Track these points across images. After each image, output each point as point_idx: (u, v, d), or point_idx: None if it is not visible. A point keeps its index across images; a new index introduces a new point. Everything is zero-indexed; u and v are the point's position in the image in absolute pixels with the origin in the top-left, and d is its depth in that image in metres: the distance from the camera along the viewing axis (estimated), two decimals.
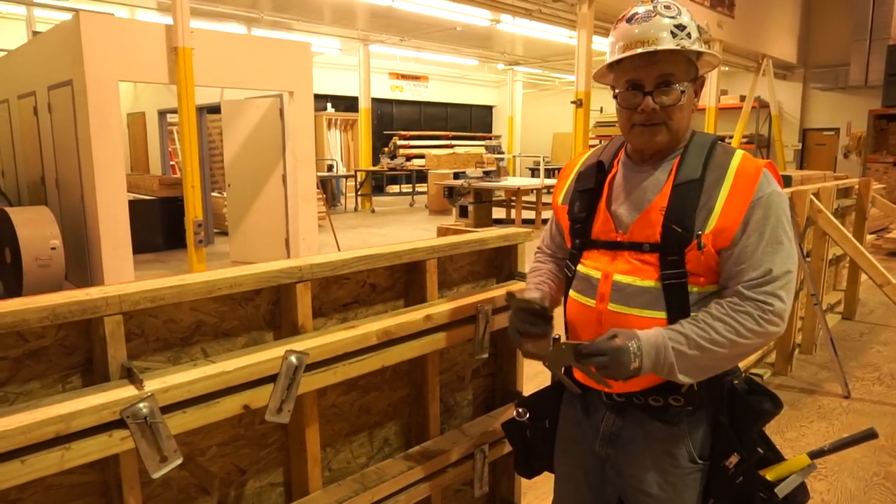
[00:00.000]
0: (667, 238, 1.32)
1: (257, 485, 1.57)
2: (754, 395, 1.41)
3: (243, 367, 1.30)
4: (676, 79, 1.33)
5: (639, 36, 1.33)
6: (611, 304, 1.37)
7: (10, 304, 1.12)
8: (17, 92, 7.63)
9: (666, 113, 1.34)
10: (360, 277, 1.72)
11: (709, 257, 1.31)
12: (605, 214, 1.42)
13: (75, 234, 6.36)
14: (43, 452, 1.06)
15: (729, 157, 1.34)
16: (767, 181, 1.31)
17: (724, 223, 1.29)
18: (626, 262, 1.37)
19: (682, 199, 1.32)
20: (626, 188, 1.42)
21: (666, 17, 1.33)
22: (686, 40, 1.32)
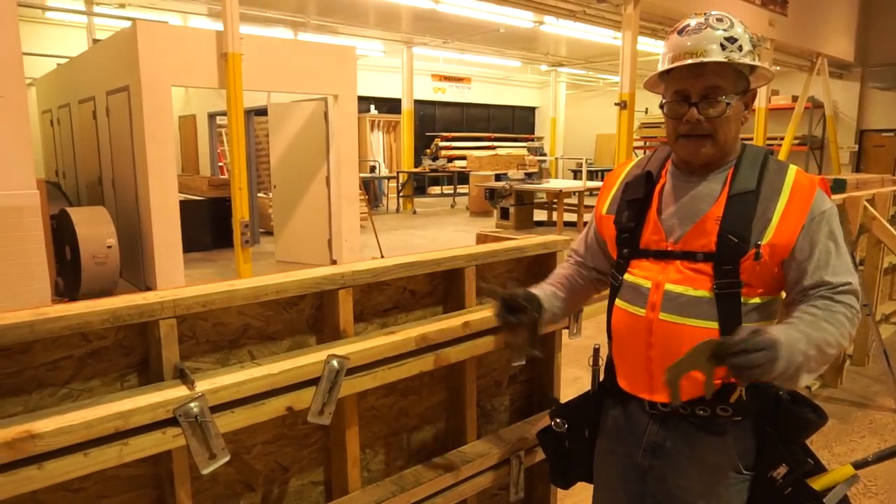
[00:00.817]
0: (722, 247, 1.32)
1: (299, 483, 1.63)
2: (798, 405, 1.40)
3: (288, 370, 1.36)
4: (723, 91, 1.34)
5: (688, 48, 1.34)
6: (662, 314, 1.37)
7: (76, 306, 1.19)
8: (77, 97, 7.99)
9: (711, 125, 1.34)
10: (400, 284, 1.76)
11: (764, 268, 1.32)
12: (656, 224, 1.42)
13: (130, 232, 6.63)
14: (104, 446, 1.13)
15: (784, 171, 1.37)
16: (823, 197, 1.35)
17: (782, 235, 1.31)
18: (678, 271, 1.37)
19: (739, 210, 1.33)
20: (676, 198, 1.42)
21: (717, 29, 1.34)
22: (736, 53, 1.33)
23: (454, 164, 16.44)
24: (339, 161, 7.43)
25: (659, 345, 1.39)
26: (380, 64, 15.49)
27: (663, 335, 1.37)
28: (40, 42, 10.38)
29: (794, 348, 1.20)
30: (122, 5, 9.56)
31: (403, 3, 9.94)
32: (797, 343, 1.21)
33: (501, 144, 18.52)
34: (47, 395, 1.23)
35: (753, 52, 1.36)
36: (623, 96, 9.11)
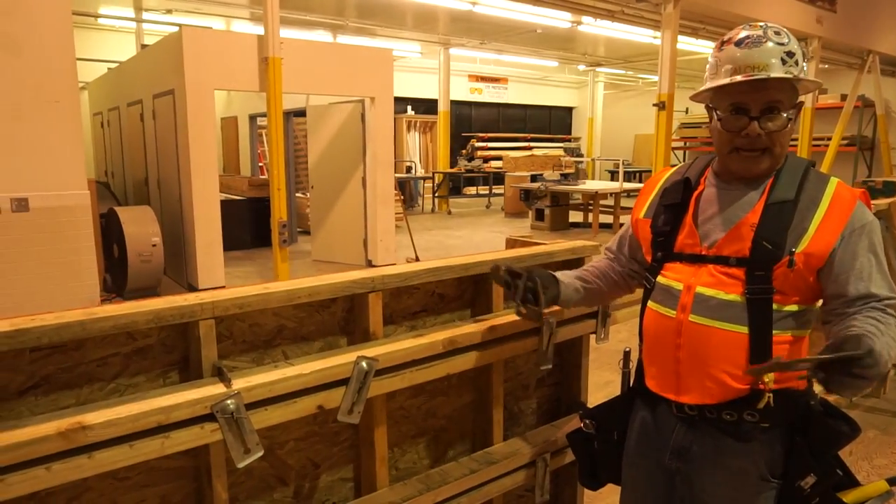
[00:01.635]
0: (756, 253, 1.35)
1: (329, 479, 1.69)
2: (831, 416, 1.40)
3: (319, 371, 1.42)
4: (784, 106, 1.36)
5: (749, 61, 1.34)
6: (692, 316, 1.41)
7: (123, 307, 1.27)
8: (126, 100, 8.30)
9: (770, 139, 1.37)
10: (428, 287, 1.80)
11: (798, 276, 1.33)
12: (691, 228, 1.46)
13: (173, 231, 6.86)
14: (147, 439, 1.20)
15: (825, 183, 1.38)
16: (864, 210, 1.36)
17: (818, 245, 1.32)
18: (710, 274, 1.40)
19: (775, 218, 1.35)
20: (714, 204, 1.46)
21: (776, 43, 1.35)
22: (794, 68, 1.35)
23: (490, 164, 16.44)
24: (375, 162, 7.54)
25: (687, 346, 1.42)
26: (417, 65, 15.60)
27: (692, 337, 1.40)
28: (92, 47, 10.79)
29: (888, 356, 1.21)
30: (169, 11, 9.87)
31: (441, 5, 10.00)
32: (889, 351, 1.22)
33: (538, 145, 18.44)
34: (97, 390, 1.31)
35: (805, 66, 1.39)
36: (662, 97, 8.99)
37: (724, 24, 10.44)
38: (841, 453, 3.23)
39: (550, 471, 2.04)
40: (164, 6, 9.65)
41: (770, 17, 10.09)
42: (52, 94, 4.76)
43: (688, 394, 1.43)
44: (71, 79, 4.87)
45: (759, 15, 9.92)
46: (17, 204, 4.73)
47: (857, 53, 13.05)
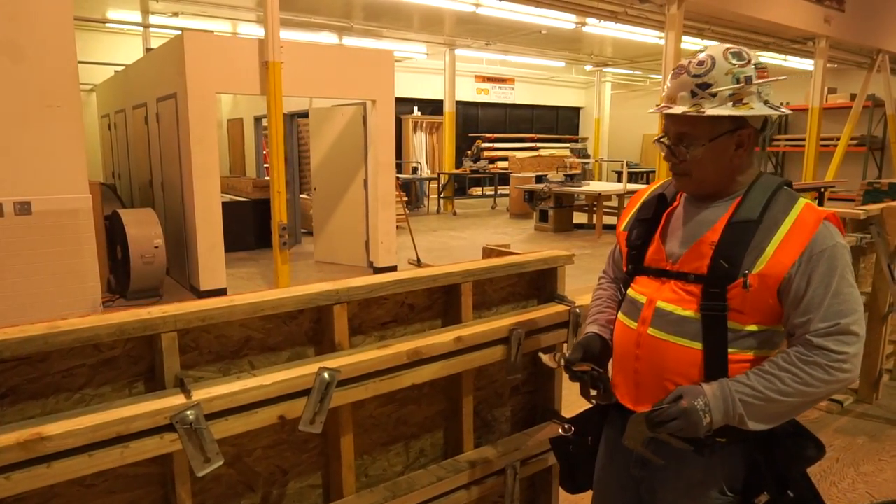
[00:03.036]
0: (712, 271, 1.36)
1: (298, 485, 1.73)
2: (798, 438, 1.41)
3: (280, 382, 1.45)
4: (691, 138, 1.39)
5: (667, 91, 1.42)
6: (650, 329, 1.44)
7: (87, 320, 1.32)
8: (132, 102, 8.40)
9: (686, 165, 1.41)
10: (398, 298, 1.84)
11: (756, 297, 1.34)
12: (658, 244, 1.49)
13: (176, 233, 6.95)
14: (107, 449, 1.25)
15: (791, 204, 1.37)
16: (829, 233, 1.33)
17: (774, 267, 1.32)
18: (672, 290, 1.43)
19: (735, 237, 1.36)
20: (681, 221, 1.49)
21: (692, 74, 1.37)
22: (707, 100, 1.35)
23: (496, 165, 16.44)
24: (377, 164, 7.58)
25: (645, 358, 1.45)
26: (424, 66, 15.62)
27: (649, 349, 1.44)
28: (101, 50, 10.93)
29: (728, 401, 1.29)
30: (176, 14, 9.97)
31: (446, 7, 10.02)
32: (735, 396, 1.29)
33: (545, 145, 18.41)
34: (63, 400, 1.36)
35: (741, 93, 1.34)
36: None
37: (729, 24, 10.40)
38: (827, 460, 3.22)
39: (522, 478, 2.07)
40: (170, 9, 9.75)
41: (776, 16, 10.03)
42: (54, 98, 4.85)
43: (644, 404, 1.45)
44: (72, 84, 4.95)
45: (765, 15, 9.86)
46: (20, 207, 4.81)
47: (866, 53, 12.92)
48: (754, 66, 1.35)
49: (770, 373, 1.30)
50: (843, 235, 1.37)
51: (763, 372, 1.31)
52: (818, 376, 1.27)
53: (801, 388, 1.28)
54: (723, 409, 1.30)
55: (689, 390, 1.32)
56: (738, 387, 1.30)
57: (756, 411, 1.30)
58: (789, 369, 1.28)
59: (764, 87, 1.36)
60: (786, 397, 1.28)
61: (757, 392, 1.29)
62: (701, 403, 1.29)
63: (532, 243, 10.17)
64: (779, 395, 1.28)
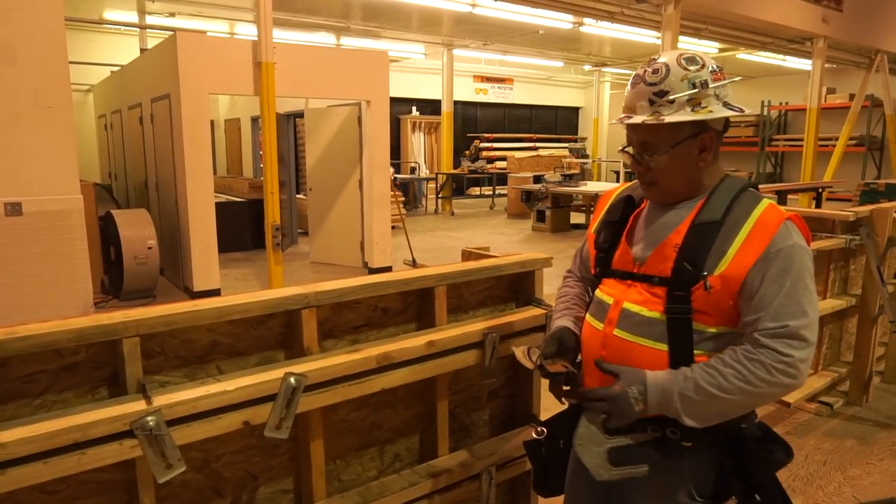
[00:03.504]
0: (677, 274, 1.36)
1: (269, 490, 1.72)
2: (767, 442, 1.41)
3: (244, 387, 1.44)
4: (653, 146, 1.39)
5: (626, 102, 1.43)
6: (616, 330, 1.44)
7: (45, 326, 1.31)
8: (127, 103, 8.40)
9: (651, 174, 1.42)
10: (371, 302, 1.82)
11: (718, 299, 1.33)
12: (625, 246, 1.50)
13: (171, 234, 6.94)
14: (64, 456, 1.24)
15: (753, 205, 1.36)
16: (789, 233, 1.33)
17: (735, 268, 1.31)
18: (639, 292, 1.43)
19: (698, 239, 1.36)
20: (647, 224, 1.49)
21: (648, 83, 1.36)
22: (665, 107, 1.35)
23: (495, 165, 16.42)
24: (372, 165, 7.57)
25: (611, 359, 1.44)
26: (422, 66, 15.61)
27: (615, 350, 1.43)
28: (98, 50, 10.94)
29: (667, 394, 1.29)
30: (172, 14, 9.96)
31: (444, 7, 10.01)
32: (674, 387, 1.29)
33: (543, 146, 18.39)
34: (23, 406, 1.35)
35: (698, 98, 1.34)
36: None
37: (726, 24, 10.37)
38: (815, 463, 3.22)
39: (500, 483, 2.06)
40: (167, 10, 9.74)
41: (774, 16, 10.00)
42: (45, 99, 4.84)
43: None
44: (64, 84, 4.95)
45: (763, 15, 9.82)
46: (10, 208, 4.81)
47: (864, 53, 12.88)
48: (710, 70, 1.35)
49: (714, 367, 1.29)
50: (809, 238, 1.36)
51: (707, 366, 1.30)
52: (760, 375, 1.26)
53: (741, 386, 1.27)
54: (659, 399, 1.30)
55: (628, 375, 1.32)
56: (679, 379, 1.30)
57: (694, 407, 1.29)
58: (733, 365, 1.28)
59: (721, 89, 1.36)
60: (725, 394, 1.27)
61: (698, 386, 1.28)
62: (635, 391, 1.29)
63: (528, 244, 10.15)
64: (719, 391, 1.27)
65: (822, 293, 3.83)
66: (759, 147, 16.21)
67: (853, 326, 4.04)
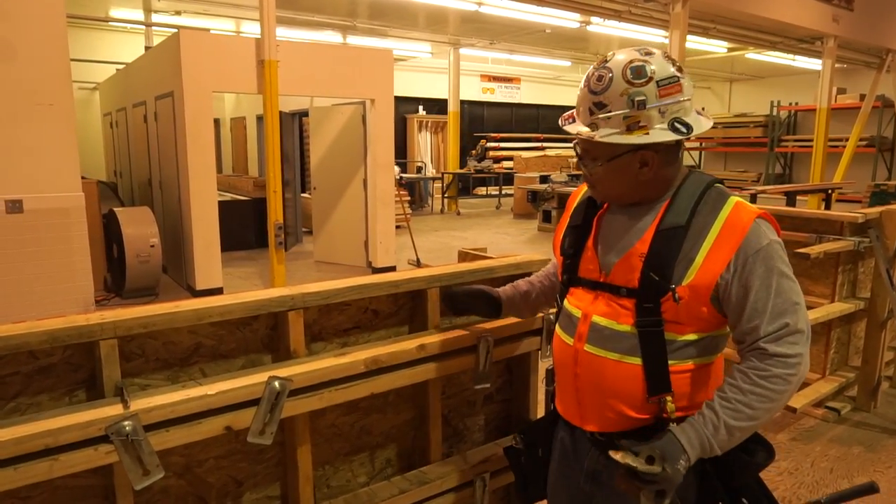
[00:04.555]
0: (644, 285, 1.29)
1: (254, 497, 1.67)
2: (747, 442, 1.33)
3: (226, 391, 1.40)
4: (591, 155, 1.33)
5: (576, 101, 1.33)
6: (587, 345, 1.38)
7: (18, 327, 1.27)
8: (132, 101, 8.40)
9: (593, 178, 1.36)
10: (361, 304, 1.77)
11: (690, 307, 1.27)
12: (591, 253, 1.42)
13: (174, 232, 6.93)
14: (34, 462, 1.20)
15: (720, 205, 1.28)
16: (761, 231, 1.26)
17: (703, 277, 1.25)
18: (606, 304, 1.36)
19: (664, 246, 1.28)
20: (610, 229, 1.41)
21: (591, 90, 1.28)
22: (601, 122, 1.26)
23: (501, 165, 16.35)
24: (376, 164, 7.53)
25: (584, 375, 1.39)
26: (429, 65, 15.57)
27: (587, 367, 1.38)
28: (104, 48, 10.96)
29: (704, 448, 1.24)
30: (178, 12, 9.96)
31: (450, 6, 9.96)
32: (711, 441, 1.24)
33: (551, 145, 18.30)
34: None
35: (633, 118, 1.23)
36: None
37: (735, 23, 10.26)
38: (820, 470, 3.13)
39: (493, 490, 2.01)
40: (172, 8, 9.74)
41: (784, 15, 9.89)
42: (46, 97, 4.83)
43: (590, 422, 1.41)
44: (65, 82, 4.93)
45: (772, 14, 9.72)
46: (11, 205, 4.80)
47: (875, 52, 12.72)
48: (656, 83, 1.23)
49: (736, 400, 1.23)
50: (779, 231, 1.29)
51: (728, 401, 1.24)
52: (781, 388, 1.22)
53: (767, 406, 1.23)
54: (700, 454, 1.25)
55: (668, 451, 1.21)
56: (712, 431, 1.24)
57: (730, 444, 1.26)
58: (753, 390, 1.23)
59: (672, 105, 1.24)
60: (755, 420, 1.24)
61: (730, 428, 1.23)
62: (683, 463, 1.22)
63: (533, 244, 10.08)
64: (749, 420, 1.23)
65: (830, 296, 3.75)
66: (768, 148, 16.05)
67: (861, 331, 3.95)
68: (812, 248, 3.32)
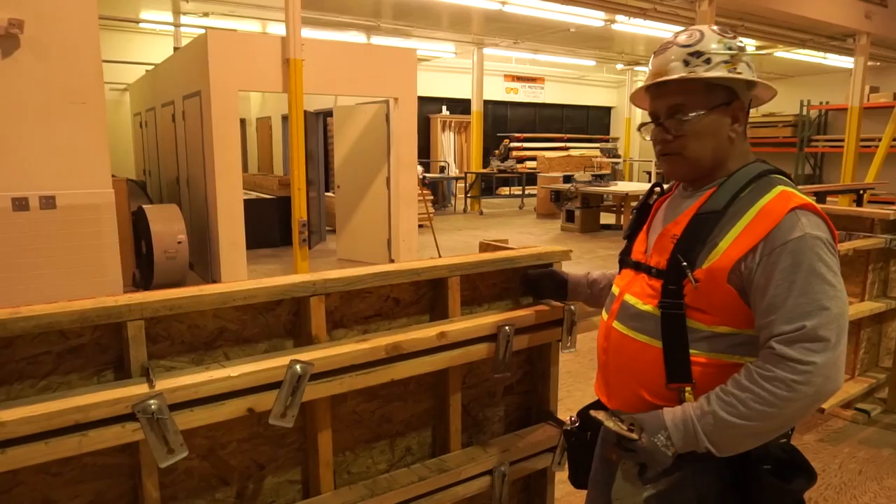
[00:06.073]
0: (670, 266, 1.30)
1: (275, 481, 1.69)
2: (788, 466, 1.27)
3: (248, 373, 1.42)
4: (687, 108, 1.31)
5: (654, 68, 1.36)
6: (615, 322, 1.42)
7: (50, 307, 1.30)
8: (161, 101, 8.56)
9: (679, 143, 1.33)
10: (383, 292, 1.79)
11: (708, 293, 1.25)
12: (643, 235, 1.47)
13: (200, 229, 7.04)
14: (64, 437, 1.23)
15: (762, 194, 1.25)
16: (796, 223, 1.19)
17: (721, 261, 1.23)
18: (641, 284, 1.39)
19: (696, 230, 1.28)
20: (664, 212, 1.45)
21: (681, 45, 1.31)
22: (701, 67, 1.29)
23: (525, 165, 16.30)
24: (399, 163, 7.57)
25: (611, 352, 1.43)
26: (453, 65, 15.60)
27: (614, 343, 1.41)
28: (133, 50, 11.19)
29: (689, 433, 1.21)
30: (206, 14, 10.13)
31: (473, 5, 9.97)
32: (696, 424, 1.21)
33: (574, 145, 18.20)
34: (28, 387, 1.34)
35: (732, 63, 1.30)
36: None
37: (763, 20, 10.09)
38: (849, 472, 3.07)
39: (515, 480, 2.01)
40: (200, 10, 9.91)
41: (814, 12, 9.70)
42: (78, 95, 4.95)
43: (616, 400, 1.43)
44: (97, 81, 5.05)
45: (802, 11, 9.55)
46: (45, 201, 4.93)
47: None
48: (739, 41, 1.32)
49: (732, 394, 1.18)
50: (832, 228, 1.24)
51: (724, 393, 1.20)
52: (781, 395, 1.13)
53: (763, 410, 1.15)
54: (684, 439, 1.21)
55: (649, 423, 1.24)
56: (699, 414, 1.21)
57: (722, 441, 1.20)
58: (751, 389, 1.16)
59: (751, 61, 1.32)
60: (747, 421, 1.16)
61: (718, 419, 1.18)
62: (662, 439, 1.22)
63: (556, 243, 10.02)
64: (740, 419, 1.16)
65: (860, 295, 3.67)
66: (798, 148, 15.74)
67: (893, 331, 3.87)
68: (841, 245, 3.25)
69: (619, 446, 1.29)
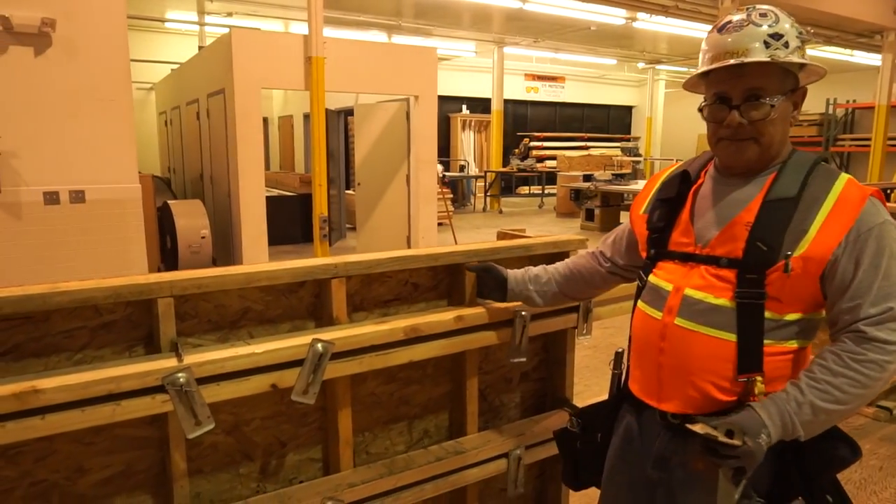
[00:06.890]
0: (749, 255, 1.26)
1: (297, 458, 1.75)
2: (830, 439, 1.30)
3: (272, 351, 1.47)
4: (767, 92, 1.27)
5: (729, 46, 1.27)
6: (678, 319, 1.34)
7: (85, 283, 1.37)
8: (185, 99, 8.73)
9: (754, 128, 1.28)
10: (402, 277, 1.83)
11: (797, 283, 1.24)
12: (686, 225, 1.39)
13: (223, 225, 7.17)
14: (99, 405, 1.29)
15: (832, 179, 1.26)
16: (876, 210, 1.23)
17: (818, 248, 1.22)
18: (701, 276, 1.33)
19: (772, 217, 1.26)
20: (711, 200, 1.38)
21: (760, 25, 1.27)
22: (781, 50, 1.25)
23: (545, 164, 16.28)
24: (419, 160, 7.62)
25: (671, 351, 1.36)
26: (473, 64, 15.63)
27: (676, 341, 1.34)
28: (159, 49, 11.41)
29: (786, 426, 1.20)
30: (230, 14, 10.29)
31: (494, 4, 10.00)
32: (794, 419, 1.20)
33: (595, 145, 18.12)
34: (64, 359, 1.41)
35: (802, 48, 1.28)
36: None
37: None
38: (869, 468, 3.08)
39: (529, 465, 2.04)
40: (225, 9, 10.07)
41: (840, 9, 9.56)
42: (107, 93, 5.08)
43: (669, 401, 1.37)
44: (125, 79, 5.18)
45: (828, 7, 9.41)
46: (74, 195, 5.06)
47: None
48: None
49: (826, 381, 1.20)
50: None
51: (816, 381, 1.20)
52: (875, 375, 1.17)
53: (859, 392, 1.19)
54: (781, 434, 1.21)
55: (748, 424, 1.18)
56: (794, 408, 1.20)
57: (814, 428, 1.22)
58: (845, 373, 1.18)
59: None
60: (844, 405, 1.20)
61: (816, 408, 1.19)
62: (765, 437, 1.18)
63: None
64: (837, 404, 1.19)
65: None
66: (823, 147, 15.49)
67: None
68: None
69: (712, 454, 1.20)
